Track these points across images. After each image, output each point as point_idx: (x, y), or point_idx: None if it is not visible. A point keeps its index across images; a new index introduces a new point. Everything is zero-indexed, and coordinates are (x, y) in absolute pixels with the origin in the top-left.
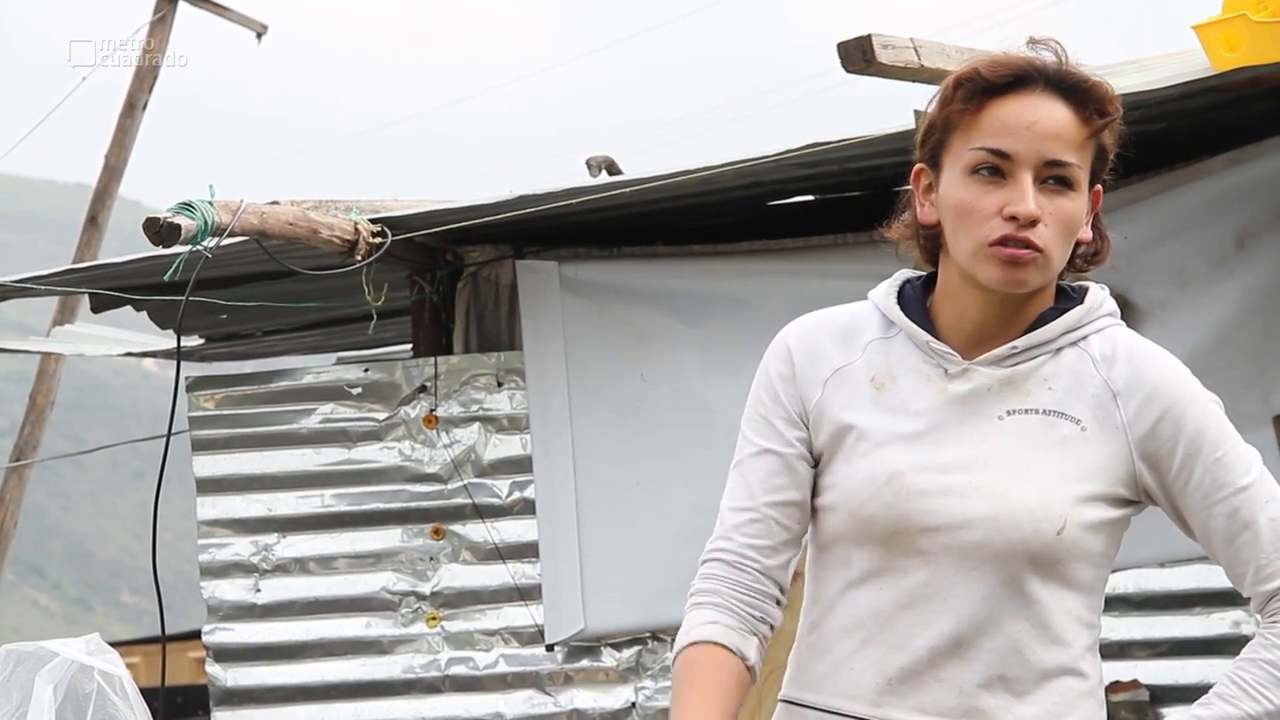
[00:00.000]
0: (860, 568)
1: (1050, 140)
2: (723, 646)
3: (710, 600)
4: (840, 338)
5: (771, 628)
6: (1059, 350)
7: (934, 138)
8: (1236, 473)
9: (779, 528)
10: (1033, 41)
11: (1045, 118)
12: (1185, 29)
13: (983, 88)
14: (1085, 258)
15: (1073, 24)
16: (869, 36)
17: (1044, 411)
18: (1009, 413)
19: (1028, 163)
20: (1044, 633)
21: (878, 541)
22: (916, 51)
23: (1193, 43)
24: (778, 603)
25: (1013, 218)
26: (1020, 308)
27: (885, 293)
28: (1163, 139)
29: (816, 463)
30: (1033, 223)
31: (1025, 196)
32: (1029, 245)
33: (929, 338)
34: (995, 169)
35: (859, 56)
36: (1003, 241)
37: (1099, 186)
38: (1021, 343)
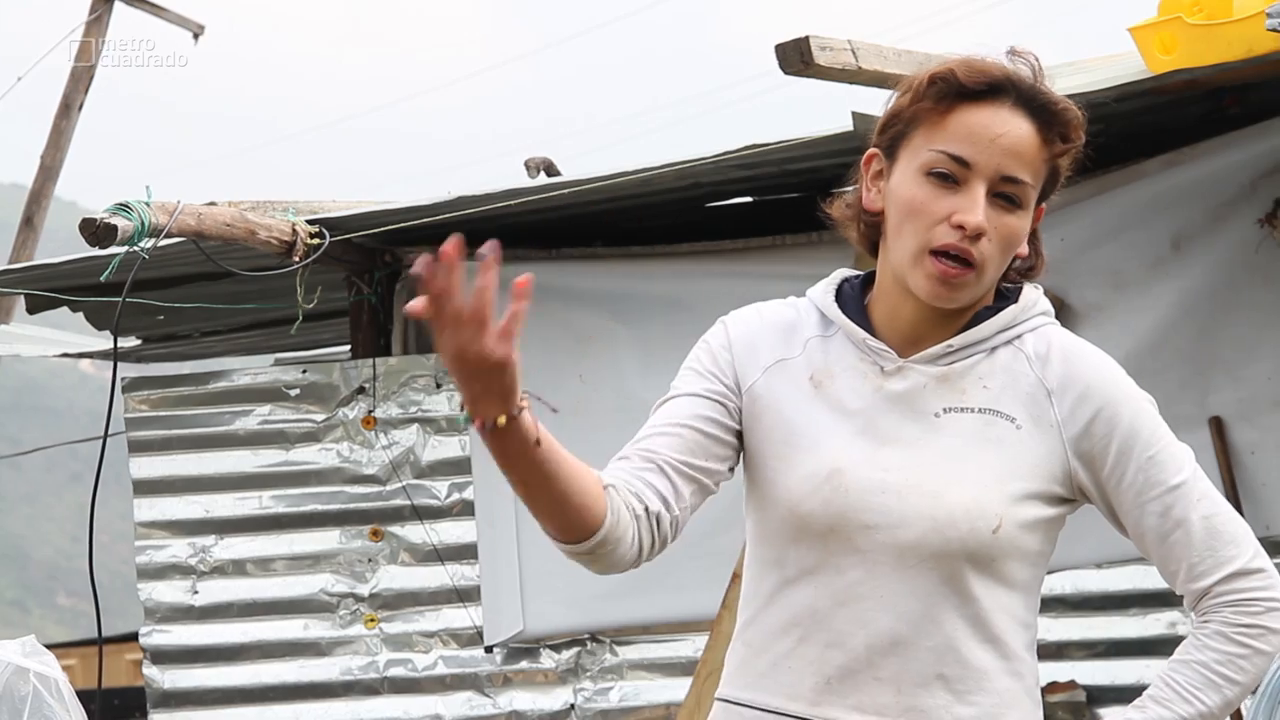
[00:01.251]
0: (796, 565)
1: (1011, 156)
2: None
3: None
4: (780, 332)
5: (650, 512)
6: (994, 349)
7: (896, 127)
8: (1169, 471)
9: (686, 446)
10: (1013, 53)
11: (1010, 133)
12: (1123, 32)
13: (955, 90)
14: (1020, 271)
15: (1012, 27)
16: (807, 39)
17: (979, 410)
18: (945, 411)
19: (984, 174)
20: (981, 631)
21: (815, 538)
22: (854, 54)
23: (1130, 45)
24: (664, 502)
25: (960, 226)
26: (955, 310)
27: (824, 291)
28: (1099, 141)
29: (747, 440)
30: (978, 235)
31: (976, 208)
32: (968, 261)
33: (865, 335)
34: (951, 175)
35: (797, 58)
36: (945, 251)
37: (1042, 204)
38: (957, 341)
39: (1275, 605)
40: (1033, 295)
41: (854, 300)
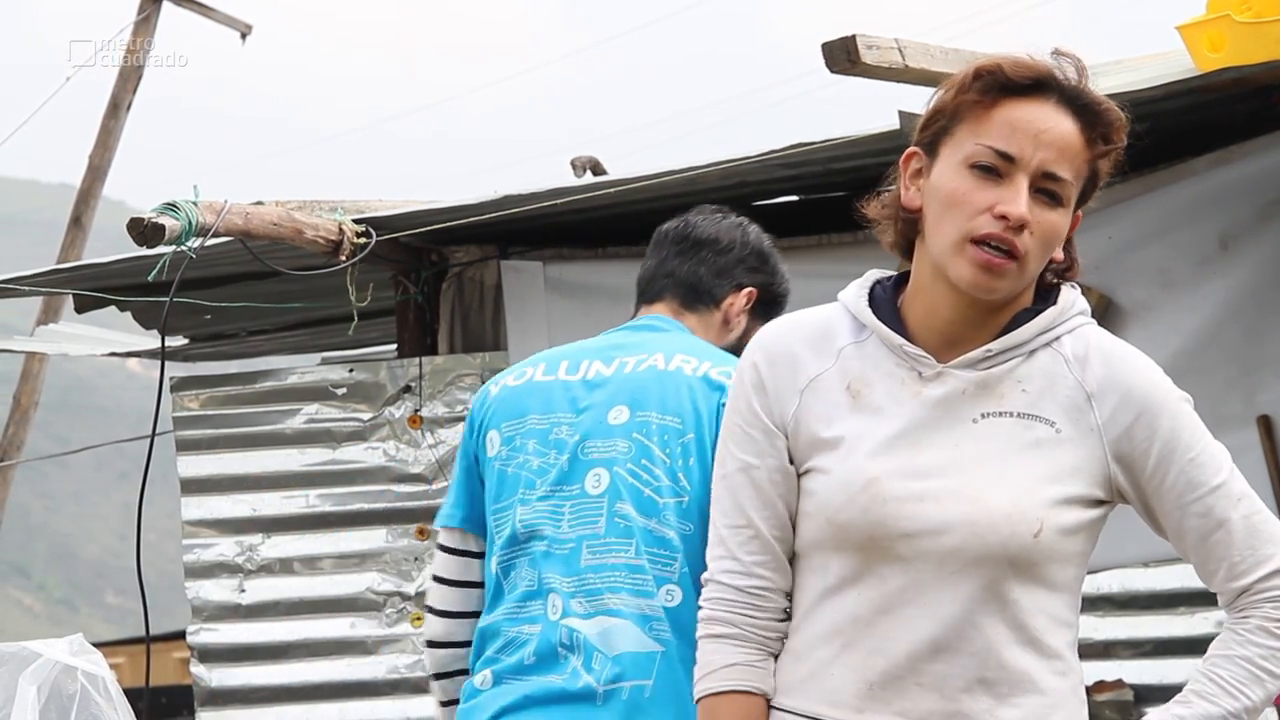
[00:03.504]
0: (837, 574)
1: (1053, 152)
2: (749, 694)
3: (729, 633)
4: (813, 343)
5: (784, 642)
6: (1033, 352)
7: (939, 123)
8: (1209, 472)
9: (776, 542)
10: (1057, 53)
11: (1054, 129)
12: (1170, 30)
13: (1001, 84)
14: (1055, 273)
15: (1059, 25)
16: (853, 37)
17: (1018, 414)
18: (983, 415)
19: (1026, 169)
20: (1022, 634)
21: (855, 547)
22: (901, 52)
23: (1177, 43)
24: (786, 614)
25: (1003, 217)
26: (993, 310)
27: (856, 294)
28: (1147, 139)
29: (798, 469)
30: (1021, 227)
31: (1019, 199)
32: (1011, 251)
33: (902, 341)
34: (994, 168)
35: (843, 57)
36: (986, 240)
37: (1079, 211)
38: (996, 345)
39: None
40: (1070, 296)
41: (887, 304)
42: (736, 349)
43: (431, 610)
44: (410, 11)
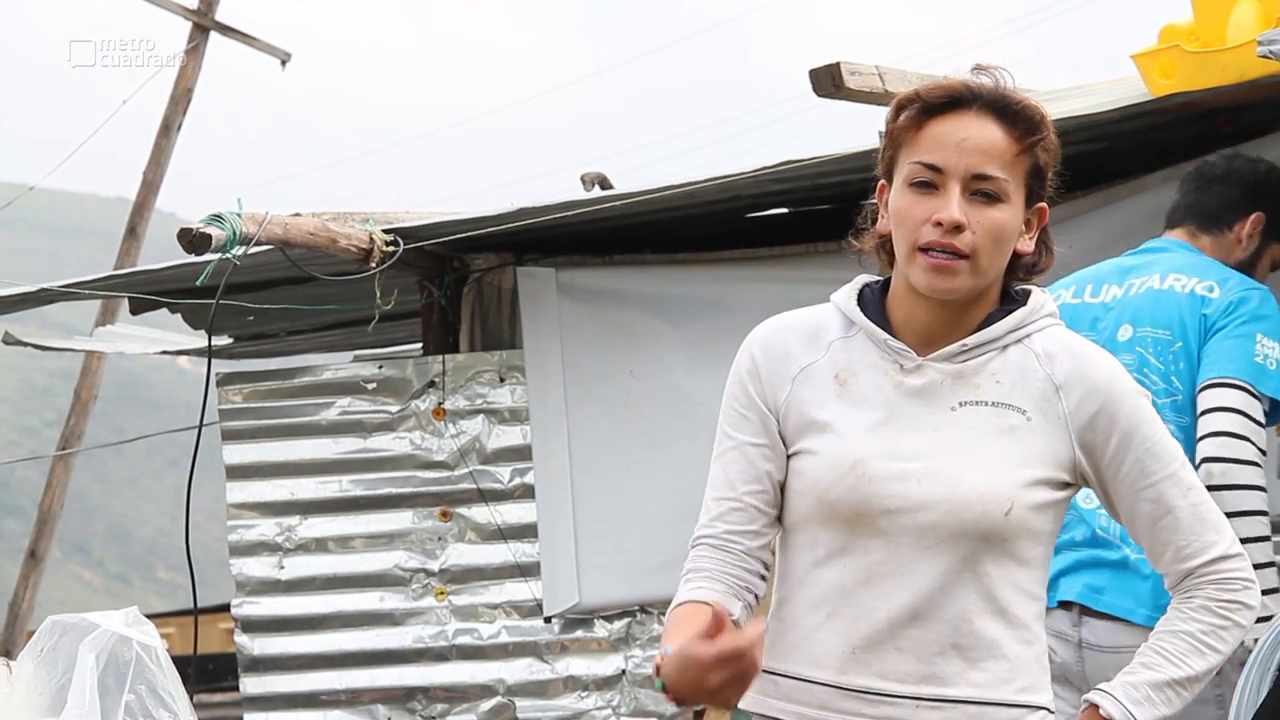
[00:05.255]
0: (825, 547)
1: (977, 155)
2: (707, 604)
3: (699, 574)
4: (805, 338)
5: (756, 597)
6: (1005, 347)
7: (888, 153)
8: (1162, 462)
9: (758, 513)
10: (977, 68)
11: (974, 135)
12: (1126, 58)
13: (922, 108)
14: (1026, 269)
15: (1026, 53)
16: (838, 64)
17: (993, 403)
18: (961, 404)
19: (955, 175)
20: (992, 604)
21: (842, 522)
22: (881, 78)
23: (1132, 70)
24: (761, 577)
25: (938, 223)
26: (965, 310)
27: (846, 295)
28: (1105, 157)
29: (788, 450)
30: (958, 228)
31: (950, 205)
32: (955, 252)
33: (886, 336)
34: (929, 182)
35: (829, 82)
36: (930, 248)
37: (1043, 205)
38: (971, 340)
39: (1250, 584)
40: (1040, 298)
41: (875, 304)
42: (1247, 265)
43: None
44: (428, 39)
